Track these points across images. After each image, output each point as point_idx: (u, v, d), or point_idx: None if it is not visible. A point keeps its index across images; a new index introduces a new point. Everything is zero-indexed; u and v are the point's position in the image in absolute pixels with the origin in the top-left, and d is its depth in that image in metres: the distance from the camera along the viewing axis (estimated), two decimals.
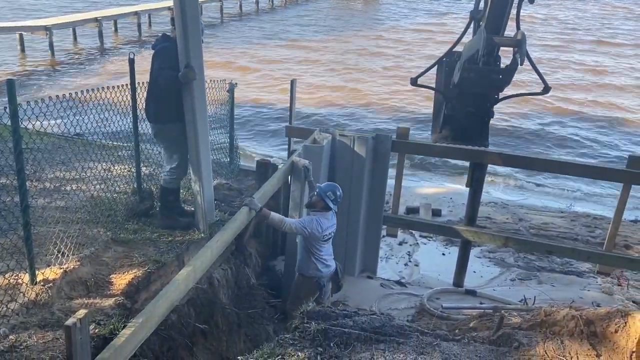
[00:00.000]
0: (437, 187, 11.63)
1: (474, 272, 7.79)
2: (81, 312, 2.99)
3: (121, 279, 4.38)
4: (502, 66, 6.39)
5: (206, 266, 4.52)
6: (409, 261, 8.22)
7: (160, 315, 3.74)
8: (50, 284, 4.02)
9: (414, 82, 6.96)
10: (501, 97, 6.87)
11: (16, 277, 3.97)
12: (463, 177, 10.06)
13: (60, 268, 4.21)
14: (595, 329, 3.86)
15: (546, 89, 6.42)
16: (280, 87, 18.84)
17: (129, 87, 5.19)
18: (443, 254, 8.49)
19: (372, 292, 6.98)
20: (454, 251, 7.97)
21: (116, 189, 5.57)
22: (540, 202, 11.05)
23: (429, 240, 8.91)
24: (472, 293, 6.97)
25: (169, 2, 28.24)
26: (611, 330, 3.79)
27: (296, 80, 7.83)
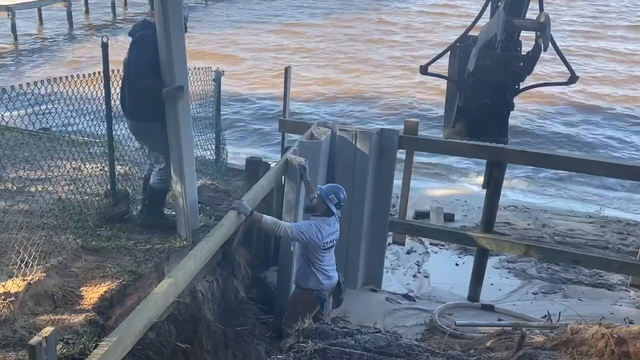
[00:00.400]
0: (450, 189, 11.64)
1: (492, 284, 7.79)
2: (47, 330, 2.97)
3: (93, 293, 4.37)
4: (523, 52, 6.40)
5: (189, 278, 4.51)
6: (418, 272, 8.22)
7: (137, 334, 3.73)
8: (12, 298, 3.99)
9: (423, 71, 6.97)
10: (522, 87, 6.88)
11: None
12: (479, 177, 10.07)
13: (24, 280, 4.19)
14: (628, 348, 3.86)
15: (573, 78, 6.44)
16: (268, 80, 18.82)
17: (102, 75, 5.17)
18: (456, 264, 8.49)
19: (376, 307, 6.98)
20: (469, 261, 7.97)
21: (87, 190, 5.55)
22: (566, 205, 11.06)
23: (441, 248, 8.92)
24: (489, 308, 6.98)
25: None
26: None
27: (291, 67, 7.83)
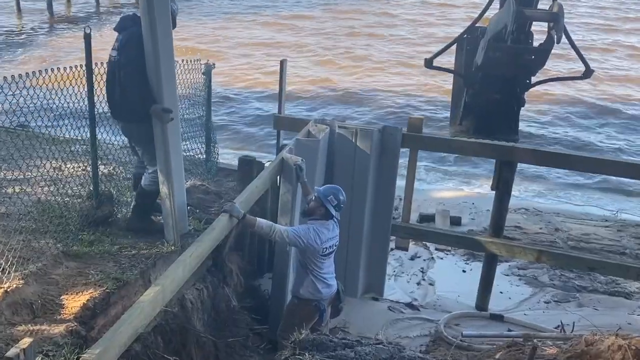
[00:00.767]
0: (456, 190, 11.65)
1: (501, 292, 7.80)
2: (25, 341, 2.97)
3: (74, 301, 4.36)
4: (535, 45, 6.42)
5: (177, 285, 4.50)
6: (423, 279, 8.22)
7: (122, 345, 3.73)
8: None
9: (428, 64, 6.99)
10: (533, 81, 6.90)
11: None
12: (488, 178, 10.08)
13: (0, 287, 4.19)
14: None
15: (588, 73, 6.46)
16: (259, 78, 18.78)
17: (84, 68, 5.17)
18: (463, 271, 8.50)
19: (378, 316, 6.98)
20: (477, 267, 7.97)
21: (68, 191, 5.53)
22: (580, 208, 11.08)
23: (447, 254, 8.92)
24: (498, 318, 6.98)
25: None
26: None
27: (286, 60, 7.83)
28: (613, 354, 3.97)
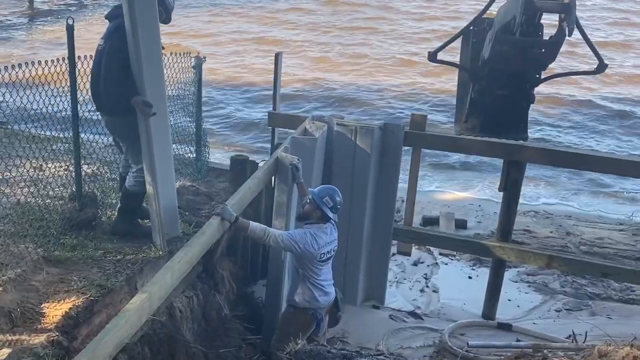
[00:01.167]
0: (462, 192, 11.67)
1: (509, 300, 7.82)
2: (3, 352, 2.97)
3: (56, 310, 4.36)
4: (545, 37, 6.43)
5: (165, 293, 4.50)
6: (426, 286, 8.23)
7: (106, 356, 3.72)
8: None
9: (432, 57, 7.00)
10: (543, 76, 6.92)
11: None
12: (495, 178, 10.08)
13: None
14: None
15: (601, 67, 6.48)
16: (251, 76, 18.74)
17: (66, 61, 5.17)
18: (469, 277, 8.51)
19: (378, 326, 6.99)
20: (484, 274, 7.99)
21: (50, 193, 5.53)
22: (593, 210, 11.11)
23: (452, 259, 8.93)
24: (506, 327, 7.00)
25: None
26: None
27: (282, 53, 7.84)
28: None
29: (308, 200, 5.46)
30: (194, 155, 7.46)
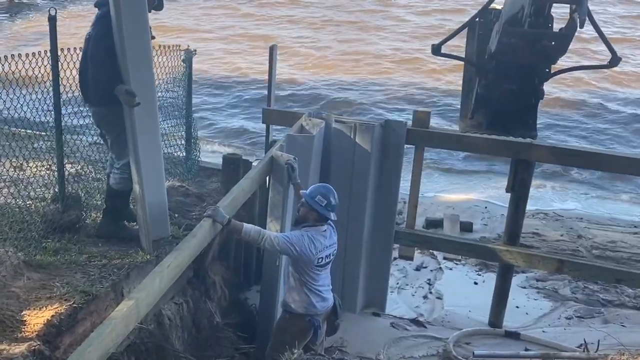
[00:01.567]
0: (467, 193, 11.69)
1: (517, 307, 7.84)
2: None
3: (37, 317, 4.35)
4: (555, 29, 6.43)
5: (153, 299, 4.49)
6: (430, 292, 8.24)
7: None
8: None
9: (436, 51, 7.00)
10: (553, 71, 6.91)
11: None
12: (502, 178, 10.09)
13: None
14: None
15: (614, 61, 6.48)
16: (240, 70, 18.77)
17: (48, 54, 5.16)
18: (475, 283, 8.53)
19: (379, 334, 6.99)
20: (490, 279, 8.00)
21: (31, 194, 5.53)
22: (606, 212, 11.13)
23: (457, 264, 8.95)
24: (514, 336, 6.99)
25: None
26: None
27: (276, 46, 7.84)
28: None
29: (301, 203, 5.43)
30: (184, 154, 7.45)
